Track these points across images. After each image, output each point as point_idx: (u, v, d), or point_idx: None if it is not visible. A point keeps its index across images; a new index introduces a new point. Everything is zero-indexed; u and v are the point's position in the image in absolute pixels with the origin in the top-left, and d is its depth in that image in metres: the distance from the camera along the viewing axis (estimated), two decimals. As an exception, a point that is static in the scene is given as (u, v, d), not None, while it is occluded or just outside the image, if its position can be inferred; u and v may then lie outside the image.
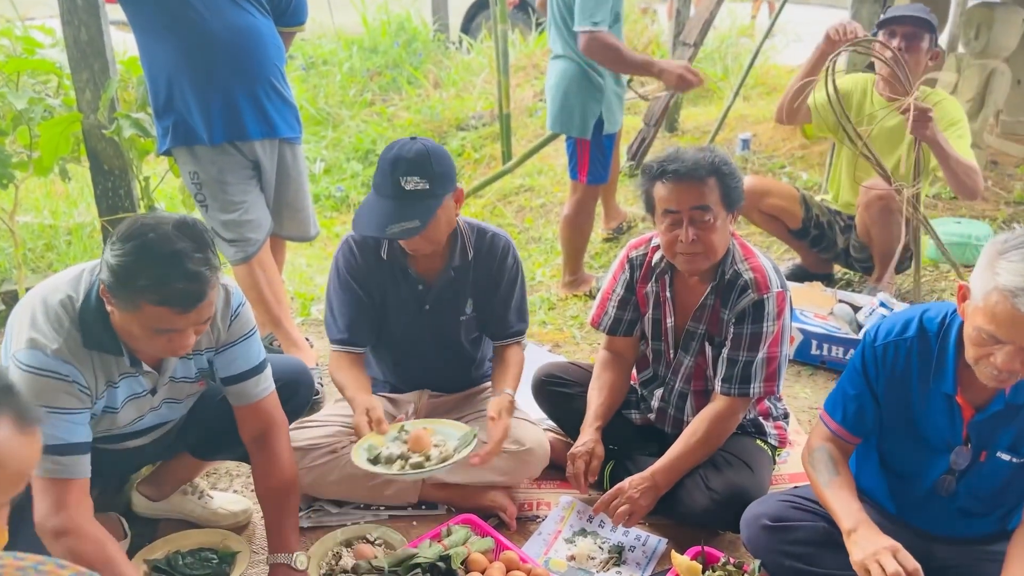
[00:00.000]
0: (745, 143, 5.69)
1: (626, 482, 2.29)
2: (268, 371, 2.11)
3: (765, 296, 2.26)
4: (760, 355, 2.27)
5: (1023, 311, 1.53)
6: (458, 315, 2.47)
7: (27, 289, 3.86)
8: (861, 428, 1.97)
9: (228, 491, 2.58)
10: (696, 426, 2.33)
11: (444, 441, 2.24)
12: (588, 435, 2.39)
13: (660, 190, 2.23)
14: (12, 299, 4.03)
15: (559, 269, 4.18)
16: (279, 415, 2.13)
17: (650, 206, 2.31)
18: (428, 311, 2.44)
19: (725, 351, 2.31)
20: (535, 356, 3.23)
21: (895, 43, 3.31)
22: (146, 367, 1.93)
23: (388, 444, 2.21)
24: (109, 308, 1.77)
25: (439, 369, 2.59)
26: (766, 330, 2.27)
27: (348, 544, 2.28)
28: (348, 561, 2.17)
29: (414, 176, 2.18)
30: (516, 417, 2.49)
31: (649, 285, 2.45)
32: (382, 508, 2.47)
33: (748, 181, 3.95)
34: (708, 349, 2.38)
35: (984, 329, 1.61)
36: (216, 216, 2.98)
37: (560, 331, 3.69)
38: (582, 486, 2.36)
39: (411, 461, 2.12)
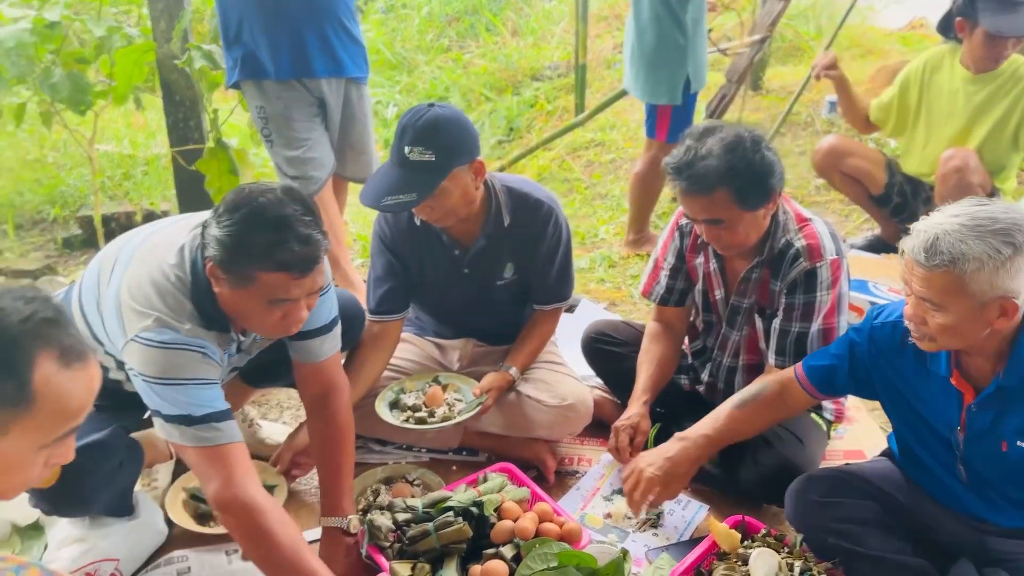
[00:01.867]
0: (832, 105, 5.45)
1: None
2: (337, 330, 2.07)
3: (818, 265, 2.15)
4: (815, 326, 2.18)
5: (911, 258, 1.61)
6: (496, 279, 2.44)
7: (103, 216, 4.04)
8: (823, 386, 2.02)
9: (277, 422, 2.66)
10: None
11: (458, 401, 2.28)
12: (635, 408, 2.35)
13: (676, 190, 2.14)
14: (87, 224, 4.20)
15: (624, 227, 4.12)
16: (341, 378, 2.11)
17: None
18: (467, 274, 2.41)
19: (777, 322, 2.22)
20: (589, 313, 3.20)
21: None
22: (239, 336, 1.92)
23: (415, 391, 2.26)
24: (217, 289, 1.73)
25: (482, 325, 2.58)
26: (819, 299, 2.17)
27: (388, 482, 2.33)
28: (386, 499, 2.20)
29: (419, 147, 2.12)
30: (561, 372, 2.47)
31: (698, 256, 2.37)
32: (423, 450, 2.51)
33: (830, 140, 3.81)
34: (759, 322, 2.30)
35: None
36: (280, 152, 3.02)
37: (618, 289, 3.64)
38: (625, 458, 2.31)
39: (416, 415, 2.18)
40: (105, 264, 1.87)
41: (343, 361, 2.41)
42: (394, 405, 2.33)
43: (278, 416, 2.73)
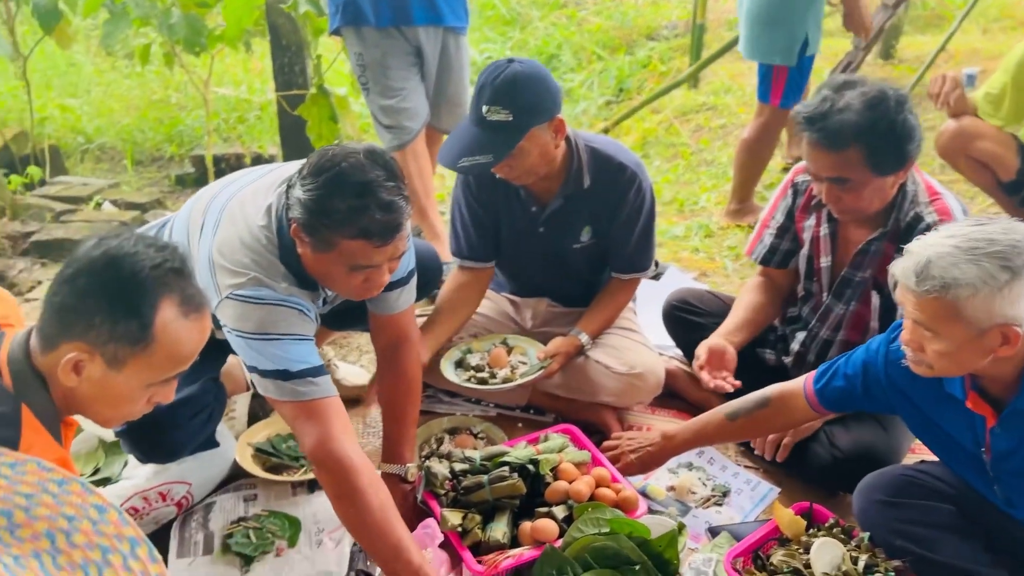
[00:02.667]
0: (970, 78, 5.02)
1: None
2: (413, 283, 2.07)
3: None
4: None
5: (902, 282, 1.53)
6: (572, 241, 2.39)
7: (214, 156, 4.23)
8: (834, 406, 1.91)
9: (356, 364, 2.73)
10: None
11: (522, 363, 2.28)
12: (719, 338, 2.28)
13: (804, 143, 2.03)
14: (199, 163, 4.40)
15: (726, 196, 3.97)
16: (414, 330, 2.12)
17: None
18: (542, 233, 2.37)
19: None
20: (676, 281, 3.11)
21: None
22: (323, 290, 1.92)
23: (481, 352, 2.31)
24: (301, 250, 1.73)
25: (557, 286, 2.55)
26: None
27: (452, 432, 2.36)
28: (448, 448, 2.24)
29: (496, 106, 2.07)
30: (633, 340, 2.42)
31: (808, 218, 2.25)
32: (491, 405, 2.52)
33: (960, 122, 3.52)
34: (875, 299, 2.17)
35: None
36: (376, 100, 3.06)
37: (712, 260, 3.53)
38: (709, 379, 2.21)
39: (477, 375, 2.21)
40: (195, 216, 1.92)
41: (430, 310, 2.47)
42: (459, 364, 2.36)
43: (357, 359, 2.80)
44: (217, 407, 2.13)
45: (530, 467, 2.01)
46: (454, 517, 1.91)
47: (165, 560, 1.94)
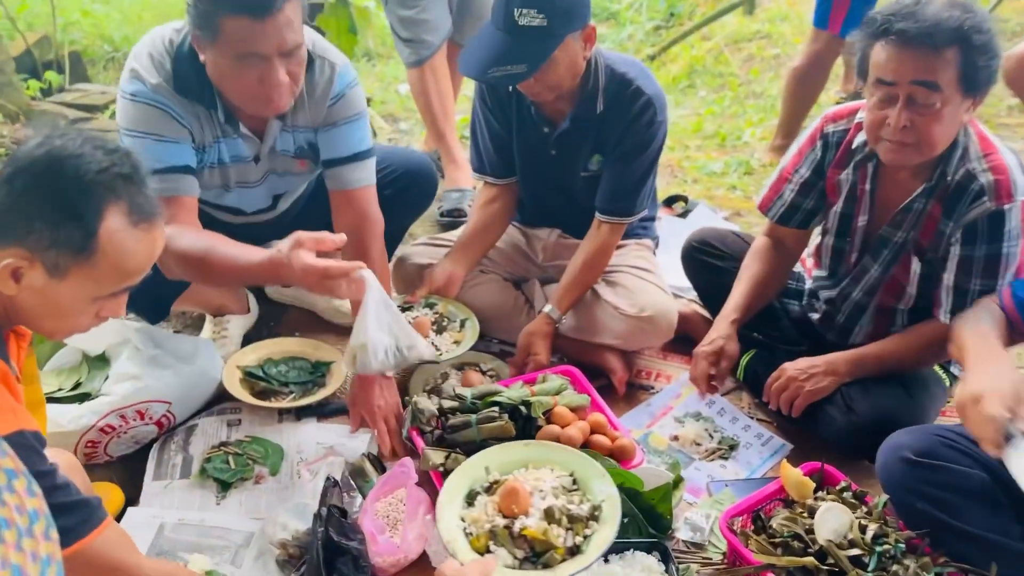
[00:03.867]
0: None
1: (789, 365, 2.03)
2: (371, 163, 2.09)
3: (1006, 207, 1.81)
4: (1003, 284, 1.85)
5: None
6: (581, 168, 2.25)
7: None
8: None
9: (357, 292, 2.64)
10: (909, 341, 2.01)
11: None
12: (720, 330, 2.14)
13: (879, 53, 1.78)
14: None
15: (772, 132, 3.75)
16: (375, 212, 2.12)
17: (863, 70, 1.86)
18: (554, 157, 2.25)
19: (949, 277, 1.91)
20: (704, 220, 2.95)
21: None
22: (244, 129, 1.95)
23: (415, 309, 2.27)
24: (202, 58, 1.79)
25: (567, 215, 2.41)
26: (1007, 252, 1.84)
27: (459, 368, 2.28)
28: (453, 383, 2.17)
29: (530, 8, 1.91)
30: (646, 280, 2.29)
31: (844, 172, 2.05)
32: (494, 341, 2.43)
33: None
34: (914, 264, 1.99)
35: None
36: (394, 10, 2.91)
37: (748, 199, 3.34)
38: (703, 388, 2.13)
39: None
40: None
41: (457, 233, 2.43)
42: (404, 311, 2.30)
43: (360, 286, 2.71)
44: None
45: (522, 408, 1.92)
46: (436, 456, 1.83)
47: (141, 482, 1.92)
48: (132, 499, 1.89)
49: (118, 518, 1.82)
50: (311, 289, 1.77)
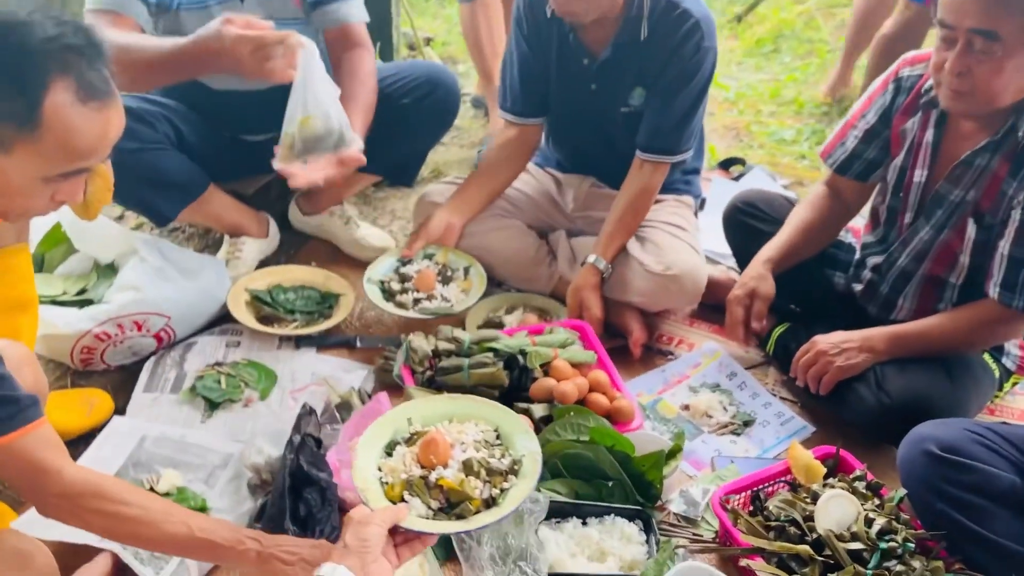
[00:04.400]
0: None
1: (821, 338, 1.89)
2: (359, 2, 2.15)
3: None
4: None
5: None
6: (621, 103, 2.12)
7: None
8: None
9: (385, 229, 2.59)
10: (956, 318, 1.84)
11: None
12: (753, 270, 2.00)
13: None
14: None
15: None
16: (366, 41, 2.16)
17: (936, 8, 1.70)
18: (593, 92, 2.12)
19: (1005, 245, 1.72)
20: (759, 185, 2.76)
21: None
22: None
23: (419, 265, 2.19)
24: None
25: (602, 160, 2.28)
26: None
27: (510, 311, 2.24)
28: (510, 320, 2.17)
29: None
30: (679, 238, 2.15)
31: (911, 121, 1.87)
32: (513, 290, 2.33)
33: None
34: (971, 228, 1.80)
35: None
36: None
37: (815, 169, 3.13)
38: (739, 336, 2.02)
39: (396, 298, 2.11)
40: None
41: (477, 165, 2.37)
42: (395, 268, 2.23)
43: (388, 223, 2.66)
44: (188, 176, 2.14)
45: (519, 358, 1.83)
46: (418, 396, 1.76)
47: (130, 393, 1.91)
48: (123, 409, 1.89)
49: (104, 425, 1.82)
50: (247, 71, 1.74)
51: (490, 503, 1.30)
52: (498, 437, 1.41)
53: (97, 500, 1.23)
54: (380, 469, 1.35)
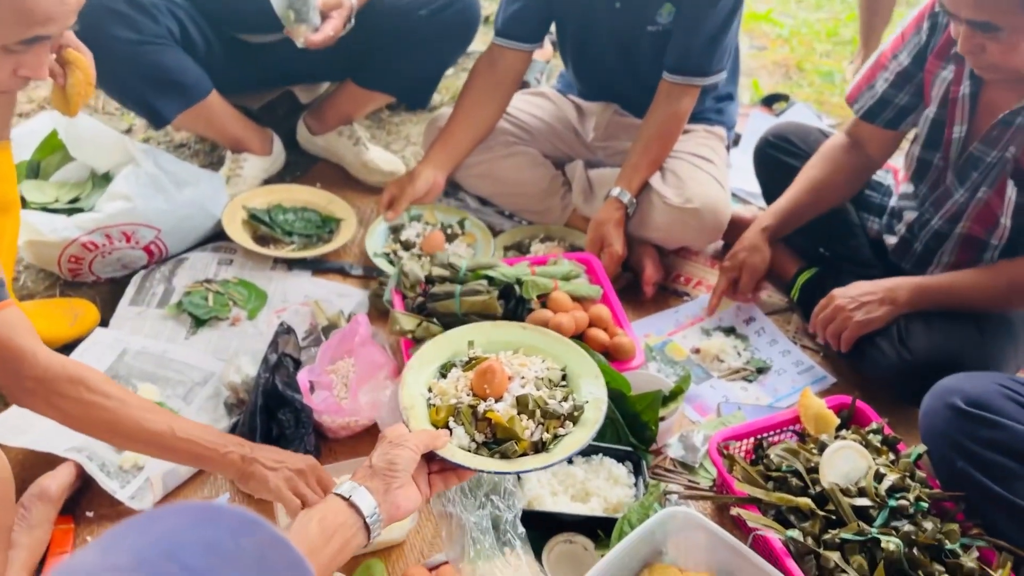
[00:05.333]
0: None
1: (840, 292, 1.76)
2: None
3: None
4: None
5: None
6: (648, 21, 1.97)
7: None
8: None
9: (398, 155, 2.50)
10: (993, 274, 1.69)
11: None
12: (746, 240, 1.91)
13: None
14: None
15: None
16: None
17: None
18: (617, 9, 1.97)
19: None
20: (799, 120, 2.58)
21: None
22: None
23: (421, 227, 2.09)
24: None
25: (626, 87, 2.14)
26: None
27: (545, 239, 2.17)
28: (537, 248, 2.12)
29: None
30: (703, 170, 2.02)
31: (946, 69, 1.69)
32: (524, 222, 2.24)
33: None
34: (1010, 189, 1.63)
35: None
36: None
37: (865, 110, 2.94)
38: (712, 307, 1.94)
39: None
40: None
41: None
42: (394, 231, 2.12)
43: (401, 148, 2.57)
44: (189, 76, 2.05)
45: (516, 288, 1.74)
46: (407, 322, 1.68)
47: (115, 306, 1.87)
48: (108, 322, 1.86)
49: (87, 337, 1.79)
50: None
51: (539, 447, 1.20)
52: (564, 378, 1.31)
53: (75, 387, 1.19)
54: (430, 390, 1.27)
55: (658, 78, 2.00)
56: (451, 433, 1.19)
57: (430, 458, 1.13)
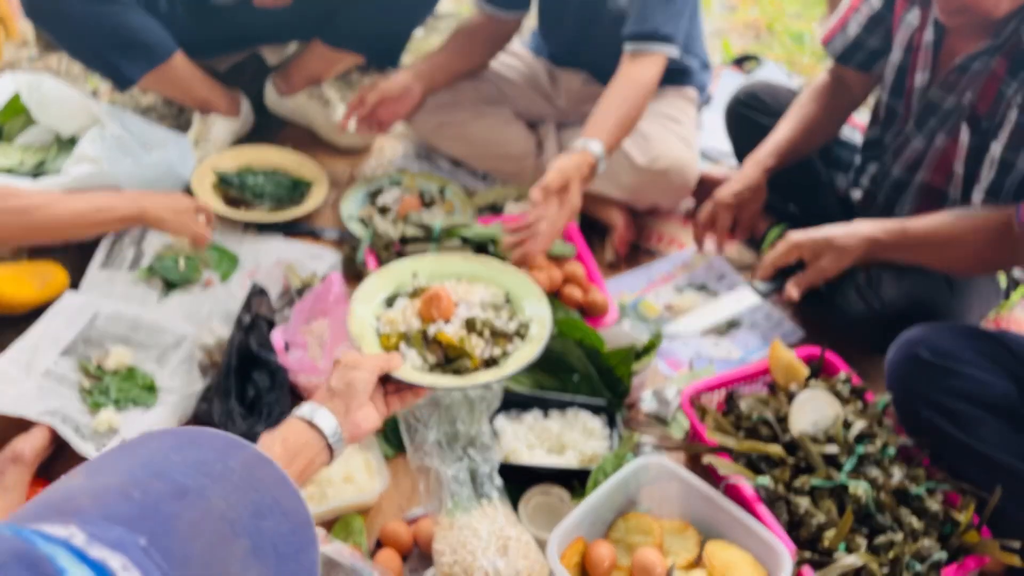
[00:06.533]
0: None
1: (796, 234, 1.66)
2: None
3: None
4: None
5: None
6: (607, 5, 1.97)
7: None
8: None
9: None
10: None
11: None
12: (748, 177, 1.85)
13: None
14: None
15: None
16: None
17: None
18: None
19: (997, 148, 1.57)
20: (769, 79, 2.60)
21: None
22: None
23: (398, 193, 2.07)
24: None
25: (594, 58, 2.13)
26: None
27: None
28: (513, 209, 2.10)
29: None
30: (670, 130, 2.03)
31: (912, 11, 1.70)
32: (498, 182, 2.24)
33: None
34: (964, 134, 1.64)
35: None
36: None
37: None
38: (719, 244, 1.87)
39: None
40: None
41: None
42: (372, 196, 2.11)
43: (372, 112, 2.54)
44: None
45: (490, 247, 1.75)
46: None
47: (84, 270, 1.86)
48: (77, 285, 1.84)
49: (56, 300, 1.78)
50: None
51: (491, 363, 1.25)
52: (508, 302, 1.36)
53: (3, 200, 1.45)
54: (378, 319, 1.31)
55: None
56: (403, 355, 1.23)
57: (385, 380, 1.15)
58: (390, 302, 1.35)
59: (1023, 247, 1.53)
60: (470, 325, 1.27)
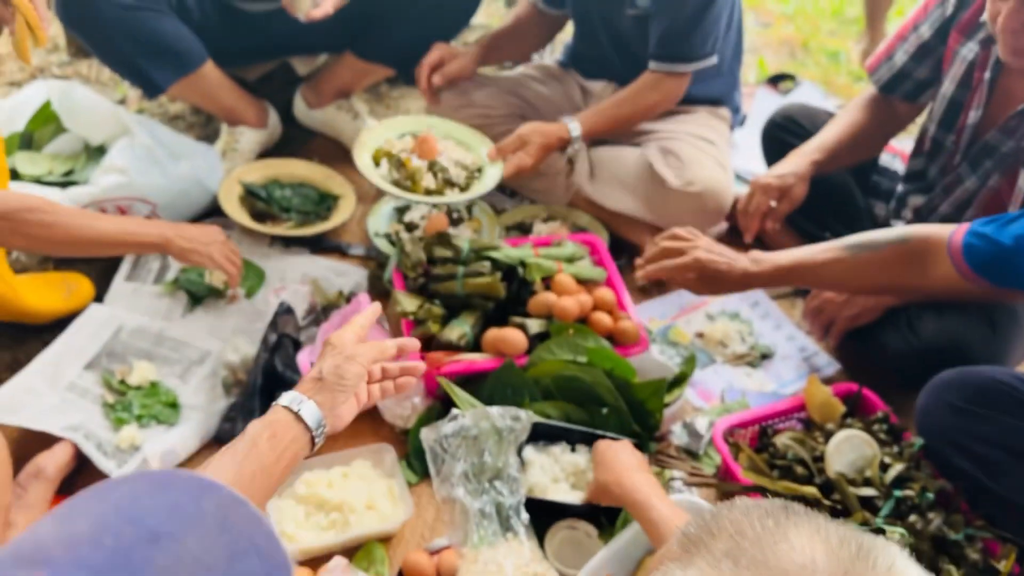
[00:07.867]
0: None
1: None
2: None
3: None
4: None
5: None
6: (625, 6, 1.95)
7: None
8: (983, 270, 1.39)
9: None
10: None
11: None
12: (795, 165, 1.80)
13: None
14: None
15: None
16: None
17: None
18: None
19: None
20: (806, 101, 2.57)
21: None
22: None
23: (413, 208, 2.09)
24: None
25: (621, 66, 2.10)
26: None
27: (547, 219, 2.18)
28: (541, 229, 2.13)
29: None
30: (705, 152, 2.00)
31: (967, 45, 1.67)
32: (527, 201, 2.22)
33: None
34: (1022, 178, 1.60)
35: None
36: None
37: (872, 91, 2.92)
38: (751, 229, 1.82)
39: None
40: None
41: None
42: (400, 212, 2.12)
43: (401, 124, 2.53)
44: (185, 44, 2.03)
45: (520, 269, 1.73)
46: (408, 303, 1.67)
47: (109, 281, 1.85)
48: (103, 297, 1.84)
49: (82, 311, 1.77)
50: None
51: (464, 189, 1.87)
52: (479, 171, 1.94)
53: (32, 213, 1.42)
54: (385, 142, 1.95)
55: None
56: (377, 166, 1.89)
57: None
58: (402, 136, 1.94)
59: (931, 271, 1.46)
60: (431, 166, 1.86)
